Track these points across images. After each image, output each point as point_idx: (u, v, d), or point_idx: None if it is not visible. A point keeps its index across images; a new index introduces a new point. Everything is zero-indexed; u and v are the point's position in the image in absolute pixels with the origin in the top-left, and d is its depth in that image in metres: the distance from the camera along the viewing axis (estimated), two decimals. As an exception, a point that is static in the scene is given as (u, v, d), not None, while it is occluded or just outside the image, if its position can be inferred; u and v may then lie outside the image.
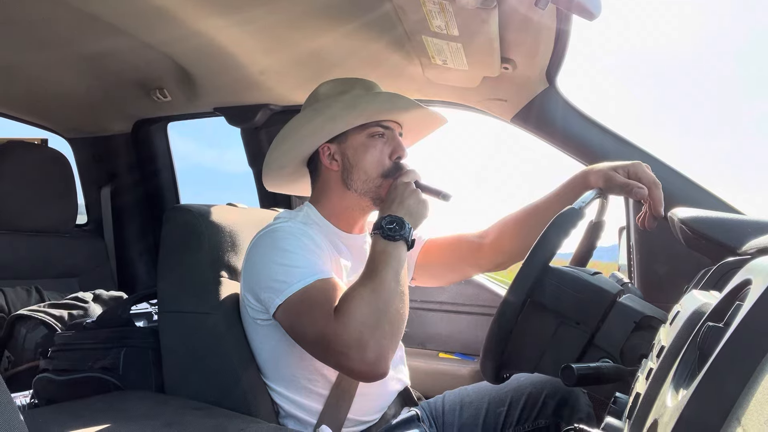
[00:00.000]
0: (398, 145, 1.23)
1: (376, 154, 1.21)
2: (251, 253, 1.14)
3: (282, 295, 1.04)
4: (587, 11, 1.00)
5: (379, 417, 1.24)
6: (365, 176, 1.21)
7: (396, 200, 1.15)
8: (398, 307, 1.02)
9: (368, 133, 1.22)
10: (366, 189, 1.22)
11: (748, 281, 0.45)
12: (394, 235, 1.08)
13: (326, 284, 1.04)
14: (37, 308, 1.60)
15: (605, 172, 1.11)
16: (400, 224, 1.10)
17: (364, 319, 0.96)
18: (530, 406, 1.25)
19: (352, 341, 0.95)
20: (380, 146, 1.22)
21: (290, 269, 1.05)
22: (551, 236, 0.88)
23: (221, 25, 1.40)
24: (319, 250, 1.12)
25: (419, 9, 1.17)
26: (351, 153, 1.22)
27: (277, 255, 1.07)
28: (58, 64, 1.71)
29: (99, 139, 2.32)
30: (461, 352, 1.92)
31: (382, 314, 0.98)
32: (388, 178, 1.21)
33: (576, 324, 0.85)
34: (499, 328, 0.87)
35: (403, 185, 1.16)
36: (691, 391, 0.37)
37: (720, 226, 0.84)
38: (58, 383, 1.29)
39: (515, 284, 0.86)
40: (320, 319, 0.99)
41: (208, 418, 1.02)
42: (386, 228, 1.09)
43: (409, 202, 1.14)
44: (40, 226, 2.02)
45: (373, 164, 1.21)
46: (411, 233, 1.11)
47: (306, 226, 1.16)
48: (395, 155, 1.22)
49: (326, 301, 1.01)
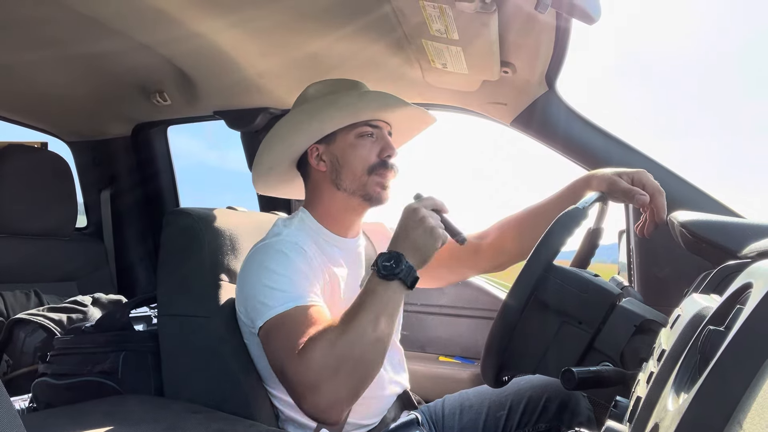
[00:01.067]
0: (387, 144, 1.22)
1: (364, 153, 1.21)
2: (244, 268, 1.14)
3: (262, 318, 1.04)
4: (587, 15, 1.00)
5: (378, 420, 1.24)
6: (353, 175, 1.21)
7: (401, 232, 1.05)
8: (367, 357, 0.96)
9: (357, 132, 1.21)
10: (354, 187, 1.21)
11: (749, 285, 0.45)
12: (388, 274, 0.99)
13: (302, 314, 1.02)
14: (36, 312, 1.59)
15: (609, 177, 1.11)
16: (398, 261, 1.00)
17: (323, 365, 0.93)
18: (531, 410, 1.25)
19: (307, 384, 0.94)
20: (369, 145, 1.22)
21: (273, 292, 1.05)
22: (555, 235, 0.88)
23: (221, 28, 1.40)
24: (308, 268, 1.10)
25: (419, 12, 1.17)
26: (339, 153, 1.22)
27: (264, 275, 1.07)
28: (58, 68, 1.71)
29: (99, 143, 2.32)
30: (461, 356, 1.92)
31: (344, 362, 0.93)
32: (373, 175, 1.20)
33: (578, 323, 0.85)
34: (502, 323, 0.87)
35: (411, 212, 1.05)
36: (693, 395, 0.37)
37: (720, 229, 0.84)
38: (57, 387, 1.28)
39: (518, 282, 0.86)
40: (284, 353, 0.99)
41: (208, 422, 1.02)
42: (381, 265, 1.00)
43: (415, 234, 1.03)
44: (39, 229, 2.02)
45: (360, 162, 1.21)
46: (411, 272, 1.01)
47: (300, 236, 1.16)
48: (384, 153, 1.22)
49: (296, 333, 0.99)
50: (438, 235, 1.03)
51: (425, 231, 1.02)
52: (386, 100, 1.22)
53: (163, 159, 2.34)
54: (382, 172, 1.21)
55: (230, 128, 1.98)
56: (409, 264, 1.00)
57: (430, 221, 1.03)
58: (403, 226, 1.05)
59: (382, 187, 1.21)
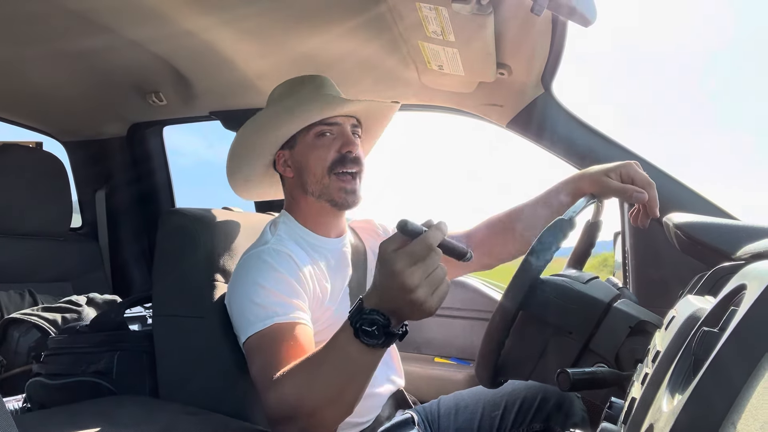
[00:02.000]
0: (347, 140, 1.20)
1: (322, 152, 1.19)
2: (233, 278, 1.14)
3: (245, 333, 1.05)
4: (583, 17, 1.01)
5: (372, 419, 1.24)
6: (314, 177, 1.19)
7: (382, 292, 0.80)
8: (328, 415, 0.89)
9: (314, 132, 1.20)
10: (319, 191, 1.20)
11: (743, 286, 0.45)
12: (367, 342, 0.81)
13: (281, 332, 1.01)
14: (30, 312, 1.59)
15: (598, 178, 1.10)
16: (381, 328, 0.80)
17: (283, 407, 0.91)
18: (525, 411, 1.25)
19: (270, 417, 0.95)
20: (328, 143, 1.20)
21: (255, 307, 1.05)
22: (542, 248, 0.88)
23: (217, 28, 1.40)
24: (293, 277, 1.09)
25: (415, 14, 1.17)
26: (301, 156, 1.21)
27: (249, 288, 1.07)
28: (53, 67, 1.70)
29: (94, 143, 2.31)
30: (457, 357, 1.92)
31: (301, 413, 0.89)
32: (333, 175, 1.18)
33: (568, 333, 0.86)
34: (492, 337, 0.87)
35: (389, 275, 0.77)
36: (687, 396, 0.37)
37: (715, 231, 0.84)
38: (51, 387, 1.28)
39: (507, 295, 0.86)
40: (259, 376, 0.99)
41: (203, 423, 1.02)
42: (361, 330, 0.81)
43: (400, 306, 0.79)
44: (34, 229, 2.01)
45: (319, 162, 1.19)
46: (396, 338, 0.83)
47: (286, 241, 1.16)
48: (344, 149, 1.19)
49: (271, 356, 0.98)
50: (430, 310, 0.78)
51: (413, 308, 0.78)
52: (328, 101, 1.19)
53: (159, 159, 2.34)
54: (342, 170, 1.18)
55: (226, 129, 1.98)
56: (394, 332, 0.82)
57: (419, 297, 0.76)
58: (384, 289, 0.79)
59: (345, 192, 1.19)
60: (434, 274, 0.77)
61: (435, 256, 0.77)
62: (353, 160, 1.20)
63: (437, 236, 0.77)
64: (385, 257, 0.78)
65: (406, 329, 0.85)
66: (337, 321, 1.16)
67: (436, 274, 0.78)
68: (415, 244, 0.76)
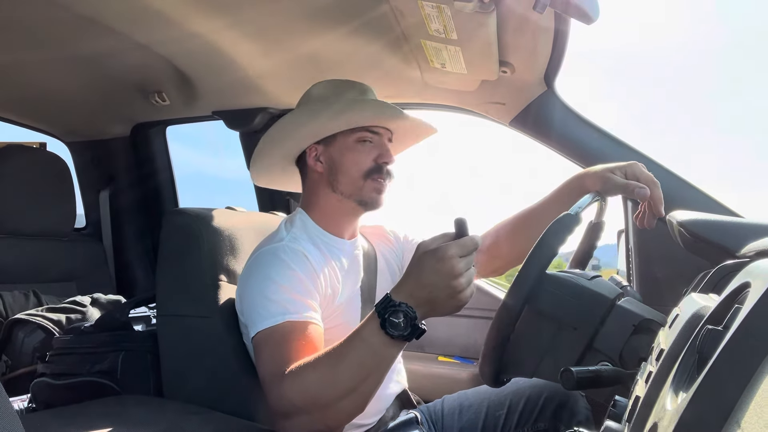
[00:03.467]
0: (385, 151, 1.23)
1: (361, 158, 1.22)
2: (245, 272, 1.14)
3: (255, 327, 1.05)
4: (585, 15, 1.00)
5: (377, 420, 1.24)
6: (348, 178, 1.21)
7: (424, 281, 0.88)
8: (344, 406, 0.92)
9: (357, 137, 1.22)
10: (350, 191, 1.22)
11: (747, 284, 0.45)
12: (392, 333, 0.88)
13: (292, 330, 1.02)
14: (35, 312, 1.59)
15: (602, 174, 1.11)
16: (409, 320, 0.88)
17: (297, 400, 0.93)
18: (529, 410, 1.25)
19: (280, 411, 0.96)
20: (367, 150, 1.22)
21: (268, 303, 1.05)
22: (547, 242, 0.88)
23: (220, 28, 1.40)
24: (308, 276, 1.10)
25: (417, 12, 1.17)
26: (337, 155, 1.23)
27: (262, 283, 1.08)
28: (56, 68, 1.71)
29: (97, 143, 2.31)
30: (460, 356, 1.92)
31: (316, 405, 0.92)
32: (369, 179, 1.21)
33: (573, 329, 0.85)
34: (497, 333, 0.87)
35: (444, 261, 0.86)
36: (691, 395, 0.37)
37: (719, 228, 0.84)
38: (55, 387, 1.28)
39: (512, 290, 0.86)
40: (267, 371, 1.00)
41: (207, 422, 1.02)
42: (389, 320, 0.87)
43: (440, 295, 0.87)
44: (38, 229, 2.02)
45: (357, 165, 1.21)
46: (420, 331, 0.89)
47: (302, 240, 1.17)
48: (381, 159, 1.22)
49: (281, 351, 0.99)
50: (463, 301, 0.88)
51: (451, 295, 0.87)
52: (383, 109, 1.22)
53: (162, 159, 2.34)
54: (378, 177, 1.21)
55: (229, 128, 1.98)
56: (421, 328, 0.89)
57: (461, 283, 0.86)
58: (425, 275, 0.88)
59: (378, 192, 1.22)
60: (471, 270, 0.88)
61: (474, 256, 0.89)
62: (388, 172, 1.23)
63: (479, 241, 0.89)
64: (433, 247, 0.87)
65: (425, 328, 0.91)
66: (345, 322, 1.17)
67: (472, 270, 0.89)
68: (467, 239, 0.88)
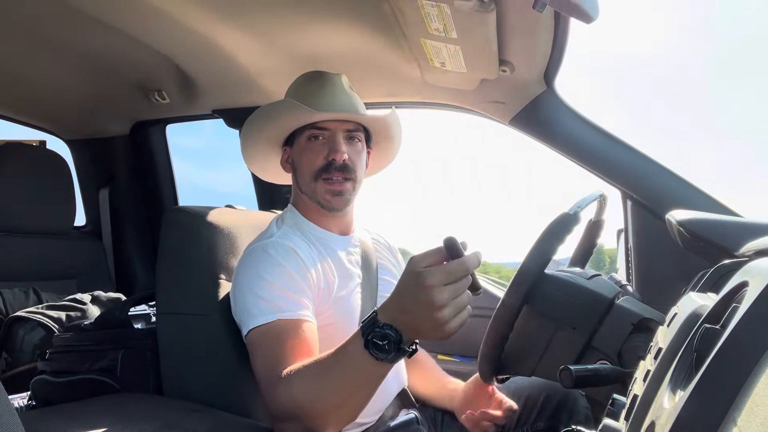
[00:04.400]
0: (333, 146, 1.19)
1: (311, 157, 1.19)
2: (237, 271, 1.14)
3: (247, 326, 1.05)
4: (585, 14, 1.00)
5: (376, 419, 1.24)
6: (304, 179, 1.21)
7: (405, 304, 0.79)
8: (330, 418, 0.90)
9: (307, 135, 1.20)
10: (309, 193, 1.21)
11: (745, 283, 0.45)
12: (377, 355, 0.81)
13: (284, 328, 1.01)
14: (35, 310, 1.59)
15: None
16: (393, 344, 0.80)
17: (287, 406, 0.92)
18: (528, 409, 1.25)
19: (281, 413, 0.95)
20: (317, 148, 1.19)
21: (259, 301, 1.04)
22: (546, 243, 0.89)
23: (220, 26, 1.40)
24: (298, 272, 1.09)
25: (417, 11, 1.17)
26: (297, 156, 1.23)
27: (253, 281, 1.07)
28: (56, 66, 1.71)
29: (97, 141, 2.31)
30: (460, 354, 1.92)
31: (304, 415, 0.90)
32: (320, 180, 1.18)
33: (572, 329, 0.86)
34: (495, 332, 0.87)
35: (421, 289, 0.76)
36: (688, 393, 0.37)
37: (718, 228, 0.84)
38: (55, 385, 1.28)
39: (511, 289, 0.86)
40: (261, 371, 1.00)
41: (206, 420, 1.02)
42: (372, 342, 0.81)
43: (422, 323, 0.78)
44: (38, 227, 2.02)
45: (308, 165, 1.19)
46: (406, 353, 0.82)
47: (292, 235, 1.16)
48: (331, 156, 1.18)
49: (274, 351, 0.99)
50: (448, 333, 0.78)
51: (434, 326, 0.77)
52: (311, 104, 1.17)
53: (162, 157, 2.34)
54: (327, 177, 1.18)
55: (229, 127, 1.98)
56: (405, 349, 0.82)
57: (444, 315, 0.76)
58: (407, 301, 0.79)
59: (331, 195, 1.19)
60: (461, 298, 0.77)
61: (466, 282, 0.77)
62: (339, 168, 1.18)
63: (474, 263, 0.77)
64: (417, 270, 0.77)
65: (417, 347, 0.85)
66: (343, 318, 1.16)
67: (463, 298, 0.78)
68: (454, 263, 0.77)
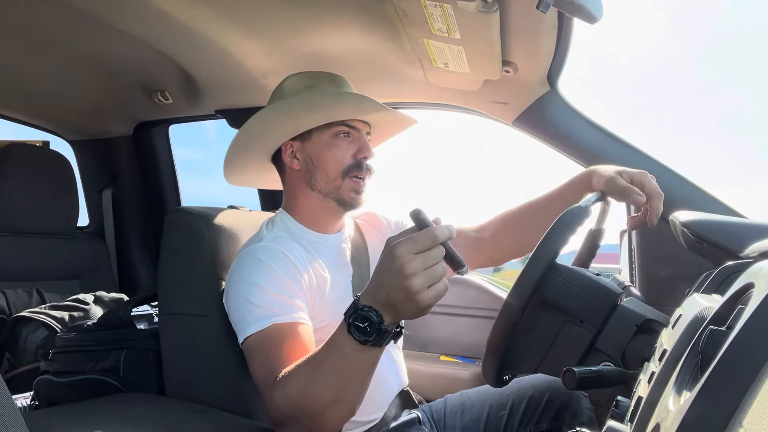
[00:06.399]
0: (363, 145, 1.20)
1: (339, 154, 1.19)
2: (229, 277, 1.13)
3: (242, 334, 1.04)
4: (589, 15, 1.00)
5: (379, 417, 1.24)
6: (326, 176, 1.19)
7: (379, 283, 0.79)
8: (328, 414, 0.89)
9: (333, 132, 1.19)
10: (328, 190, 1.19)
11: (751, 285, 0.45)
12: (359, 339, 0.81)
13: (279, 332, 1.01)
14: (38, 310, 1.60)
15: (608, 175, 1.09)
16: (373, 325, 0.79)
17: (285, 409, 0.92)
18: (532, 410, 1.24)
19: (280, 417, 0.95)
20: (344, 146, 1.19)
21: (252, 307, 1.04)
22: (557, 233, 0.88)
23: (223, 27, 1.40)
24: (289, 276, 1.08)
25: (420, 12, 1.17)
26: (314, 152, 1.20)
27: (245, 288, 1.07)
28: (59, 67, 1.71)
29: (100, 142, 2.32)
30: (462, 356, 1.92)
31: (303, 414, 0.90)
32: (348, 178, 1.18)
33: (580, 322, 0.85)
34: (504, 322, 0.86)
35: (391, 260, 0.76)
36: (694, 395, 0.37)
37: (722, 229, 0.83)
38: (58, 385, 1.29)
39: (520, 280, 0.86)
40: (259, 377, 1.00)
41: (208, 421, 1.02)
42: (354, 325, 0.81)
43: (395, 297, 0.77)
44: (41, 228, 2.02)
45: (335, 163, 1.18)
46: (389, 335, 0.82)
47: (282, 239, 1.15)
48: (360, 155, 1.19)
49: (271, 356, 0.98)
50: (423, 304, 0.76)
51: (407, 297, 0.76)
52: (362, 102, 1.19)
53: (165, 158, 2.35)
54: (356, 174, 1.19)
55: (232, 127, 1.98)
56: (387, 329, 0.81)
57: (415, 284, 0.75)
58: (381, 276, 0.79)
59: (356, 192, 1.20)
60: (434, 269, 0.76)
61: (437, 251, 0.77)
62: (368, 167, 1.20)
63: (444, 233, 0.77)
64: (390, 243, 0.79)
65: (401, 329, 0.85)
66: (338, 318, 1.15)
67: (436, 269, 0.77)
68: (421, 233, 0.77)
